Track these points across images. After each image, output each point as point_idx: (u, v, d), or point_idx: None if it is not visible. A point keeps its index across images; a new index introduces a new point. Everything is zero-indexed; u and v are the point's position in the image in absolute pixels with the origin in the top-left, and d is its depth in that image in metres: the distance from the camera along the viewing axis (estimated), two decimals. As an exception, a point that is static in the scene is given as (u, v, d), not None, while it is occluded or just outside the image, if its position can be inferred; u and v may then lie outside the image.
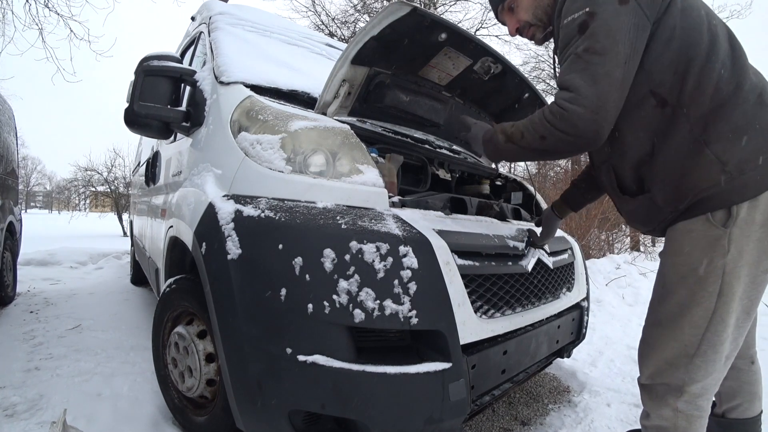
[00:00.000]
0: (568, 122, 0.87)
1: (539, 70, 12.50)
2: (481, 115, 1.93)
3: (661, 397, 1.00)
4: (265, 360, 0.93)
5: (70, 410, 1.38)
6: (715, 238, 0.89)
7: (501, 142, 1.03)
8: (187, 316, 1.36)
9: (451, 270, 1.02)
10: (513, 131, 1.00)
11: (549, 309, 1.40)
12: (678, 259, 0.96)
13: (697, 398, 0.96)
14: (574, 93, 0.87)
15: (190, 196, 1.29)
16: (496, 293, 1.18)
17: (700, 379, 0.94)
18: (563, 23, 0.94)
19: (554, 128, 0.89)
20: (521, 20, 1.14)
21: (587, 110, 0.85)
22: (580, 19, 0.89)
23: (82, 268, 5.10)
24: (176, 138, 1.82)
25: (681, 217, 0.95)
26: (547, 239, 1.41)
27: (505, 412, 1.68)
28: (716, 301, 0.90)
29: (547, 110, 0.92)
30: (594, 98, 0.85)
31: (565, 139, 0.89)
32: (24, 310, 2.86)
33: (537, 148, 0.96)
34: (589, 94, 0.85)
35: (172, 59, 1.52)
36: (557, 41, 1.01)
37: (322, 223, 0.97)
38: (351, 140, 1.17)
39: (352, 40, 1.32)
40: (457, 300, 1.00)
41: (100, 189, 13.78)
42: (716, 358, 0.93)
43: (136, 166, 4.13)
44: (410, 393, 0.92)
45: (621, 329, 2.88)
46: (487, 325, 1.09)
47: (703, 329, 0.92)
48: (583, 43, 0.88)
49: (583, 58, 0.87)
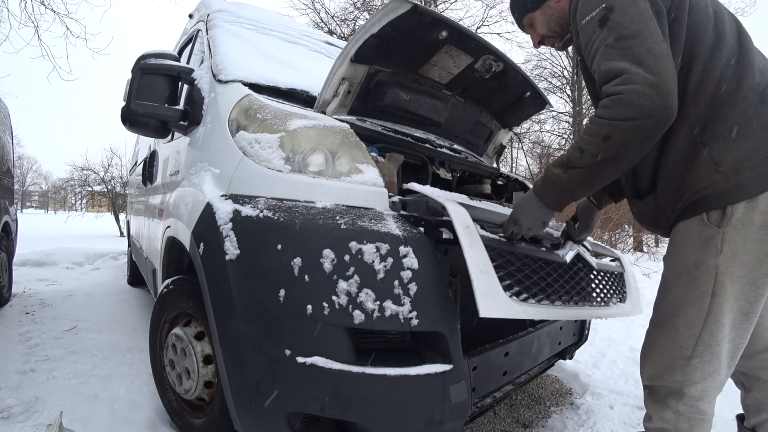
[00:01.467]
0: (629, 104, 0.78)
1: (541, 69, 12.53)
2: (482, 114, 1.92)
3: (662, 399, 0.99)
4: (263, 362, 0.92)
5: (66, 413, 1.37)
6: (708, 238, 0.89)
7: (560, 175, 0.91)
8: (185, 317, 1.35)
9: (471, 234, 0.92)
10: (567, 157, 0.90)
11: (596, 312, 1.26)
12: (674, 258, 0.97)
13: (698, 401, 0.94)
14: (624, 75, 0.80)
15: (188, 196, 1.27)
16: (529, 276, 1.05)
17: (699, 381, 0.93)
18: (581, 25, 0.92)
19: (616, 120, 0.80)
20: (540, 34, 1.18)
21: (644, 85, 0.77)
22: (599, 15, 0.87)
23: (79, 269, 5.06)
24: (174, 137, 1.80)
25: (680, 217, 0.95)
26: (585, 233, 1.30)
27: (507, 415, 1.67)
28: (710, 301, 0.90)
29: (598, 110, 0.84)
30: (646, 74, 0.78)
31: (632, 126, 0.79)
32: (20, 311, 2.84)
33: (606, 156, 0.83)
34: (638, 71, 0.79)
35: (169, 57, 1.50)
36: (577, 45, 1.00)
37: (321, 223, 0.96)
38: (350, 139, 1.16)
39: (352, 38, 1.31)
40: (478, 266, 0.90)
41: (96, 189, 13.72)
42: (713, 359, 0.92)
43: (133, 166, 4.10)
44: (410, 395, 0.91)
45: (624, 330, 2.87)
46: (519, 306, 0.96)
47: (698, 329, 0.91)
48: (610, 35, 0.85)
49: (616, 47, 0.83)
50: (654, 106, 0.78)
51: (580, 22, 0.92)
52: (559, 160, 0.93)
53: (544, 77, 12.40)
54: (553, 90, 12.43)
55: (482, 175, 1.93)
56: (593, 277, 1.33)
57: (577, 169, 0.88)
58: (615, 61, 0.82)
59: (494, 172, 2.00)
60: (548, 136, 13.25)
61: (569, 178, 0.90)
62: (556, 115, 12.33)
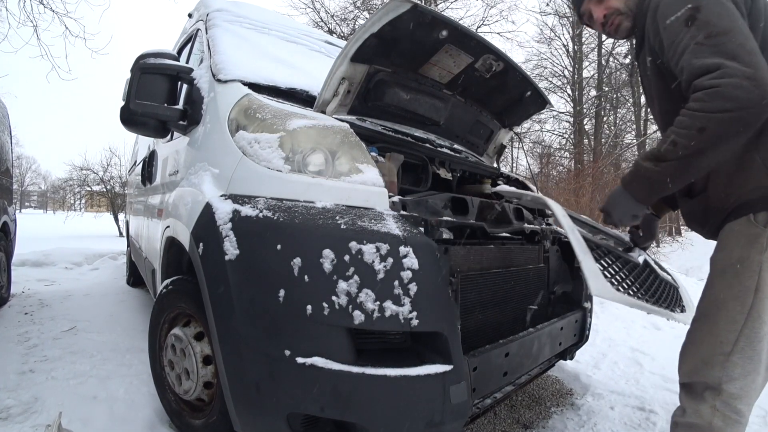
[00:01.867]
0: (725, 96, 0.79)
1: (542, 68, 12.52)
2: (482, 114, 1.91)
3: (699, 394, 0.97)
4: (263, 362, 0.92)
5: (65, 413, 1.37)
6: (754, 236, 0.92)
7: (651, 168, 0.92)
8: (185, 317, 1.35)
9: (570, 224, 1.08)
10: (658, 150, 0.92)
11: (674, 316, 1.28)
12: (719, 255, 0.99)
13: (736, 400, 0.93)
14: (719, 70, 0.81)
15: (187, 196, 1.27)
16: (615, 269, 1.16)
17: (738, 378, 0.92)
18: (666, 24, 0.92)
19: (711, 112, 0.81)
20: (611, 8, 1.11)
21: (742, 78, 0.79)
22: (685, 15, 0.88)
23: (78, 269, 5.06)
24: (173, 137, 1.80)
25: (728, 218, 0.98)
26: (650, 241, 1.38)
27: (507, 415, 1.67)
28: (753, 296, 0.91)
29: (691, 104, 0.86)
30: (742, 67, 0.80)
31: (728, 118, 0.80)
32: (18, 311, 2.83)
33: (700, 147, 0.84)
34: (734, 65, 0.80)
35: (168, 57, 1.50)
36: (653, 46, 0.99)
37: (321, 223, 0.95)
38: (350, 139, 1.16)
39: (352, 38, 1.30)
40: (582, 250, 1.03)
41: (95, 189, 13.69)
42: (753, 356, 0.92)
43: (133, 166, 4.10)
44: (411, 395, 0.91)
45: (625, 331, 2.86)
46: (617, 293, 1.02)
47: (740, 324, 0.92)
48: (699, 33, 0.86)
49: (707, 44, 0.84)
50: (752, 97, 0.78)
51: (663, 22, 0.92)
52: (649, 154, 0.94)
53: (545, 77, 12.40)
54: (553, 89, 12.42)
55: (482, 174, 1.92)
56: (660, 283, 1.36)
57: (670, 162, 0.89)
58: (707, 58, 0.83)
59: (494, 172, 1.99)
60: (549, 135, 13.26)
61: (661, 170, 0.91)
62: (556, 114, 12.33)
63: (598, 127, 11.50)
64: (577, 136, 11.22)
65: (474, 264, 1.27)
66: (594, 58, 11.66)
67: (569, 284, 1.81)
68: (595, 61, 11.62)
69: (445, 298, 0.97)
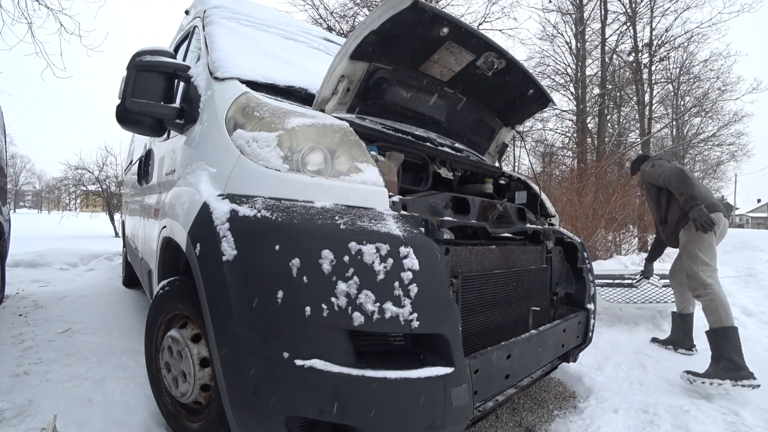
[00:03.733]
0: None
1: (544, 66, 12.47)
2: (484, 112, 1.90)
3: (698, 288, 2.22)
4: (261, 364, 0.90)
5: (60, 416, 1.35)
6: (688, 233, 2.31)
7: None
8: (181, 319, 1.33)
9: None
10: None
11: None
12: (682, 242, 2.39)
13: (710, 280, 2.18)
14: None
15: (184, 196, 1.25)
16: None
17: (705, 274, 2.23)
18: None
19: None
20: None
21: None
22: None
23: (73, 270, 5.02)
24: (170, 135, 1.78)
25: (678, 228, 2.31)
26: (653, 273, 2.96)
27: (509, 419, 1.65)
28: (696, 252, 2.24)
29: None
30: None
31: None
32: (12, 313, 2.80)
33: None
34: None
35: (165, 54, 1.48)
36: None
37: (320, 223, 0.94)
38: (350, 138, 1.14)
39: (351, 35, 1.29)
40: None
41: (91, 188, 13.59)
42: (707, 267, 2.21)
43: (129, 165, 4.07)
44: (411, 398, 0.90)
45: (628, 332, 2.86)
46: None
47: (698, 262, 2.25)
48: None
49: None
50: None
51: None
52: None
53: (547, 74, 12.35)
54: (556, 88, 12.36)
55: (484, 174, 1.91)
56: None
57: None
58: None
59: (496, 172, 1.98)
60: (551, 134, 13.22)
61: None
62: (559, 113, 12.27)
63: (602, 125, 11.46)
64: (580, 135, 11.19)
65: (475, 265, 1.26)
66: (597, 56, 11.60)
67: (572, 285, 1.80)
68: (598, 58, 11.56)
69: (446, 300, 0.96)
